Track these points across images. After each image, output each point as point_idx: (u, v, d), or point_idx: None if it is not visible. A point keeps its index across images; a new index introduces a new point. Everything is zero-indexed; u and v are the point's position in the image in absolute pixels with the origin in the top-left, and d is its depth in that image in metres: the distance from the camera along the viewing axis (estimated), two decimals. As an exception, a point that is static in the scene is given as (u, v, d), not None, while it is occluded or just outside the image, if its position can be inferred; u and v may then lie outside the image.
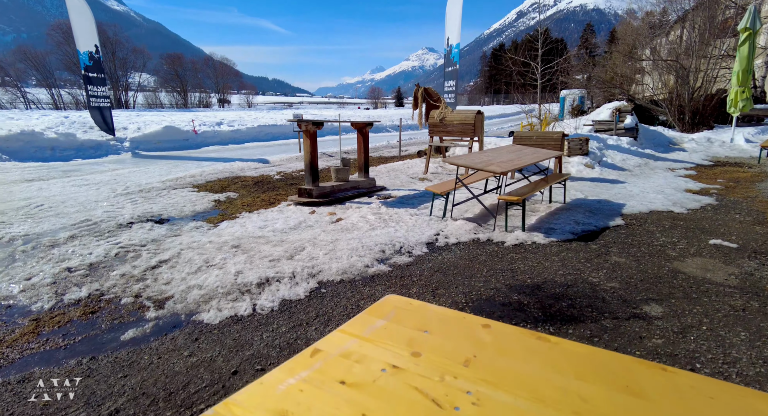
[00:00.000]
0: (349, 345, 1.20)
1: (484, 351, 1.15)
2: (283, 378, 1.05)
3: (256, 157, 11.03)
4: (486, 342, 1.20)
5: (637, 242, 4.37)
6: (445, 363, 1.10)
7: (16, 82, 38.43)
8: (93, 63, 10.49)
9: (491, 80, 77.40)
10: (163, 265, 3.88)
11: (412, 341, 1.21)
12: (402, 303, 1.45)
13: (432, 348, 1.17)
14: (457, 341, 1.21)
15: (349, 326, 1.31)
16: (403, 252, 4.20)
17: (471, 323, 1.31)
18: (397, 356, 1.14)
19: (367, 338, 1.23)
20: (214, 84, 53.66)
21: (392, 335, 1.25)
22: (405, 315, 1.37)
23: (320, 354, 1.15)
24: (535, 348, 1.16)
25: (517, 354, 1.14)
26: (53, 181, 7.50)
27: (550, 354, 1.13)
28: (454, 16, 10.54)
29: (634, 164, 9.13)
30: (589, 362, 1.08)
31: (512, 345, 1.18)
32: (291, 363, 1.12)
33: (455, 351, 1.15)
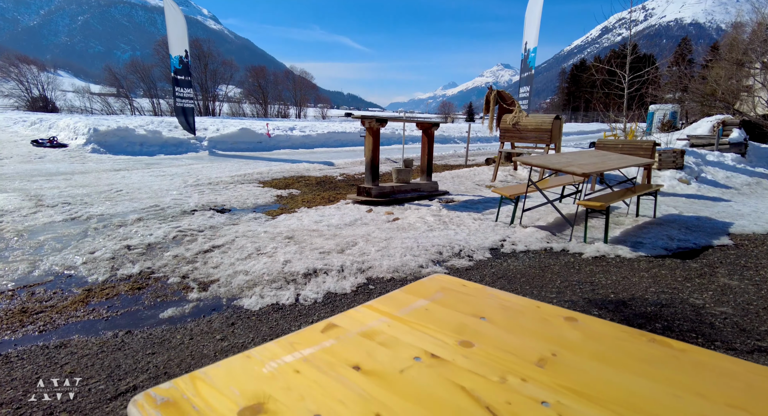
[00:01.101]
0: (376, 324, 0.89)
1: (568, 349, 0.79)
2: (278, 354, 0.76)
3: (323, 160, 11.15)
4: (570, 339, 0.83)
5: (754, 265, 3.61)
6: (509, 360, 0.75)
7: (126, 92, 43.11)
8: (182, 66, 11.30)
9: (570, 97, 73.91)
10: (215, 250, 3.82)
11: (462, 328, 0.87)
12: (453, 284, 1.11)
13: (491, 338, 0.83)
14: (529, 334, 0.85)
15: (379, 302, 1.00)
16: (462, 255, 3.81)
17: (548, 313, 0.95)
18: (440, 344, 0.81)
19: (401, 318, 0.91)
20: (292, 96, 56.41)
21: (436, 318, 0.92)
22: (456, 297, 1.03)
23: (335, 331, 0.86)
24: (647, 353, 0.77)
25: (618, 358, 0.76)
26: (135, 171, 8.02)
27: (671, 363, 0.74)
28: (534, 19, 10.00)
29: (742, 182, 7.93)
30: (759, 388, 0.68)
31: (610, 346, 0.80)
32: (294, 336, 0.83)
33: (525, 346, 0.80)
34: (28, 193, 5.83)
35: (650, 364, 0.74)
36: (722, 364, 0.74)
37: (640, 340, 0.82)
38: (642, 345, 0.80)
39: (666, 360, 0.75)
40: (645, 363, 0.74)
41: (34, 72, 36.78)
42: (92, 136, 10.52)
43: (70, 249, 3.69)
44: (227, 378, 0.69)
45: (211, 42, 48.22)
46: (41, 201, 5.37)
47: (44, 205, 5.17)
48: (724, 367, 0.73)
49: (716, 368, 0.73)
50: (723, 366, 0.73)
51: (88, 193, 5.98)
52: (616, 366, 0.73)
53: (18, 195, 5.65)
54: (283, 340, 0.81)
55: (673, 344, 0.80)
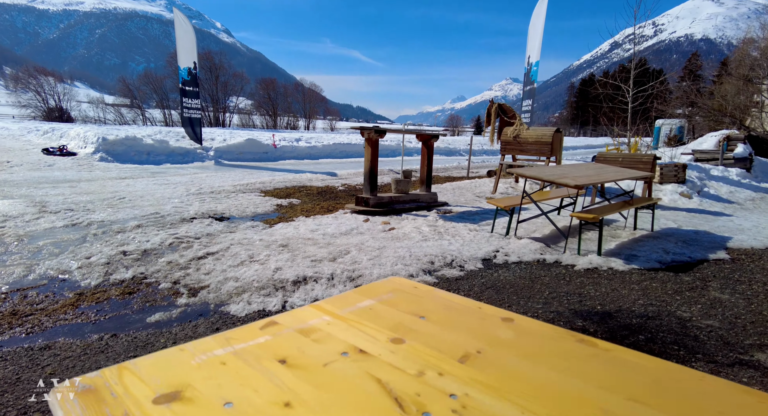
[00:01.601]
0: (316, 322, 0.91)
1: (496, 347, 0.81)
2: (210, 348, 0.79)
3: (327, 170, 11.24)
4: (502, 337, 0.85)
5: (747, 279, 3.56)
6: (433, 356, 0.77)
7: (139, 103, 43.97)
8: (190, 78, 11.55)
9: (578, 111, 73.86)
10: (209, 257, 3.87)
11: (399, 326, 0.89)
12: (405, 286, 1.13)
13: (423, 336, 0.85)
14: (462, 332, 0.87)
15: (327, 302, 1.02)
16: (454, 265, 3.81)
17: (487, 314, 0.97)
18: (371, 340, 0.83)
19: (342, 316, 0.94)
20: (301, 108, 57.02)
21: (377, 317, 0.94)
22: (403, 298, 1.06)
23: (273, 328, 0.88)
24: (572, 352, 0.79)
25: (543, 356, 0.78)
26: (140, 180, 8.15)
27: (593, 362, 0.76)
28: (536, 34, 10.09)
29: (746, 197, 7.84)
30: (664, 383, 0.70)
31: (538, 345, 0.82)
32: (233, 332, 0.85)
33: (454, 343, 0.82)
34: (33, 199, 5.95)
35: (569, 361, 0.75)
36: (637, 361, 0.75)
37: (568, 340, 0.83)
38: (569, 344, 0.82)
39: (586, 357, 0.77)
40: (564, 360, 0.76)
41: (51, 83, 37.73)
42: (101, 145, 10.73)
43: (66, 254, 3.76)
44: (154, 369, 0.72)
45: (222, 54, 49.18)
46: (45, 207, 5.48)
47: (47, 211, 5.27)
48: (638, 364, 0.74)
49: (630, 365, 0.74)
50: (637, 363, 0.75)
51: (91, 199, 6.09)
52: (536, 363, 0.75)
53: (23, 201, 5.78)
54: (220, 335, 0.84)
55: (599, 344, 0.81)
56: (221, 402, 0.63)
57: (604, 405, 0.63)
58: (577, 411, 0.62)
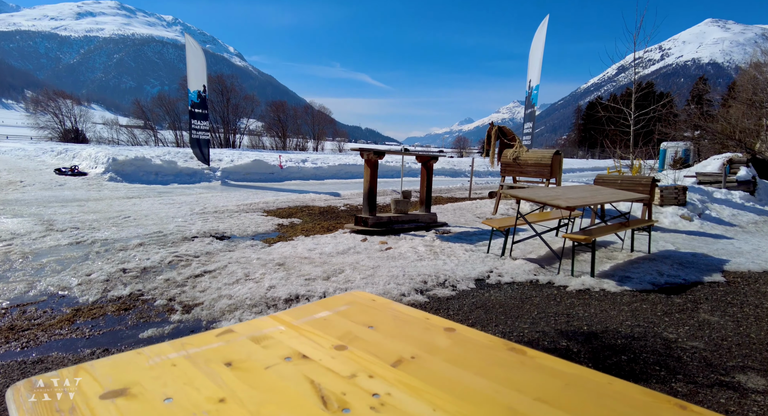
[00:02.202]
0: (270, 331, 0.98)
1: (430, 354, 0.87)
2: (165, 352, 0.86)
3: (330, 190, 11.39)
4: (438, 345, 0.91)
5: (739, 302, 3.54)
6: (369, 361, 0.83)
7: (151, 124, 45.06)
8: (200, 100, 11.91)
9: (585, 133, 74.10)
10: (206, 275, 3.95)
11: (346, 335, 0.96)
12: (364, 299, 1.20)
13: (366, 343, 0.91)
14: (403, 340, 0.93)
15: (286, 313, 1.09)
16: (446, 285, 3.85)
17: (433, 324, 1.03)
18: (316, 347, 0.89)
19: (296, 326, 1.00)
20: (310, 130, 57.90)
21: (328, 327, 1.01)
22: (359, 310, 1.12)
23: (228, 335, 0.95)
24: (500, 359, 0.85)
25: (471, 362, 0.83)
26: (147, 199, 8.34)
27: (516, 368, 0.81)
28: (536, 58, 10.31)
29: (749, 221, 7.79)
30: (574, 386, 0.75)
31: (470, 353, 0.88)
32: (190, 338, 0.93)
33: (392, 350, 0.88)
34: (42, 217, 6.12)
35: (494, 367, 0.81)
36: (555, 366, 0.81)
37: (500, 348, 0.89)
38: (500, 352, 0.87)
39: (512, 364, 0.82)
40: (489, 365, 0.81)
41: (69, 105, 38.90)
42: (110, 166, 11.02)
43: (68, 271, 3.87)
44: (109, 369, 0.79)
45: (234, 78, 50.45)
46: (52, 225, 5.64)
47: (54, 230, 5.42)
48: (555, 369, 0.80)
49: (547, 369, 0.80)
50: (554, 367, 0.80)
51: (97, 218, 6.25)
52: (462, 368, 0.80)
53: (32, 219, 5.94)
54: (177, 341, 0.91)
55: (527, 352, 0.87)
56: (162, 398, 0.69)
57: (512, 404, 0.69)
58: (486, 409, 0.68)
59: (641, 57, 12.54)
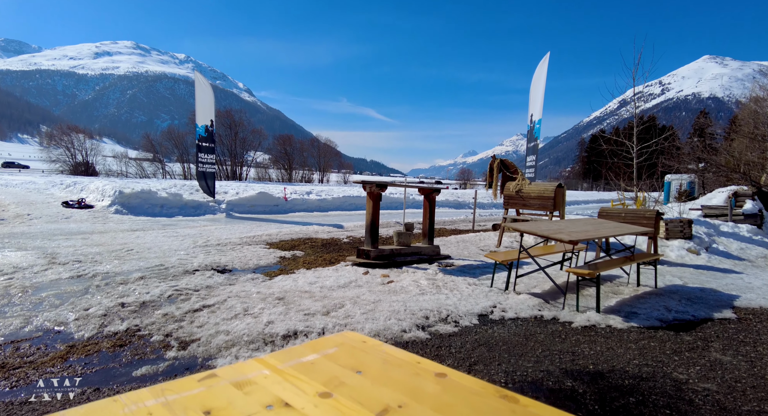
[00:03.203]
0: (254, 375, 0.95)
1: (418, 401, 0.83)
2: (143, 399, 0.83)
3: (334, 222, 11.39)
4: (428, 392, 0.87)
5: (752, 340, 3.43)
6: (353, 410, 0.80)
7: (160, 157, 45.93)
8: (207, 135, 12.18)
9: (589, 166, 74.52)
10: (205, 309, 3.90)
11: (332, 380, 0.93)
12: (354, 341, 1.17)
13: (353, 390, 0.88)
14: (392, 386, 0.90)
15: (272, 356, 1.06)
16: (449, 320, 3.76)
17: (423, 369, 0.99)
18: (300, 394, 0.86)
19: (282, 370, 0.97)
20: (316, 162, 58.64)
21: (314, 371, 0.97)
22: (347, 353, 1.09)
23: (210, 380, 0.92)
24: (491, 407, 0.81)
25: (460, 410, 0.80)
26: (150, 232, 8.37)
27: (503, 414, 0.78)
28: (538, 93, 10.51)
29: (758, 255, 7.66)
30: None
31: (460, 400, 0.84)
32: (170, 383, 0.90)
33: (378, 398, 0.85)
34: (45, 251, 6.14)
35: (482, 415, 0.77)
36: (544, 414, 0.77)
37: (492, 396, 0.85)
38: (492, 400, 0.84)
39: (503, 412, 0.78)
40: (479, 414, 0.78)
41: (81, 139, 39.89)
42: (117, 198, 11.15)
43: (66, 306, 3.83)
44: (85, 416, 0.76)
45: (242, 112, 51.71)
46: (55, 259, 5.64)
47: (56, 263, 5.42)
48: None
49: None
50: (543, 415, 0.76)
51: (100, 251, 6.26)
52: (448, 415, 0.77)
53: (35, 253, 5.96)
54: (157, 387, 0.88)
55: (519, 400, 0.83)
56: (133, 450, 0.66)
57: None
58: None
59: (641, 91, 12.77)
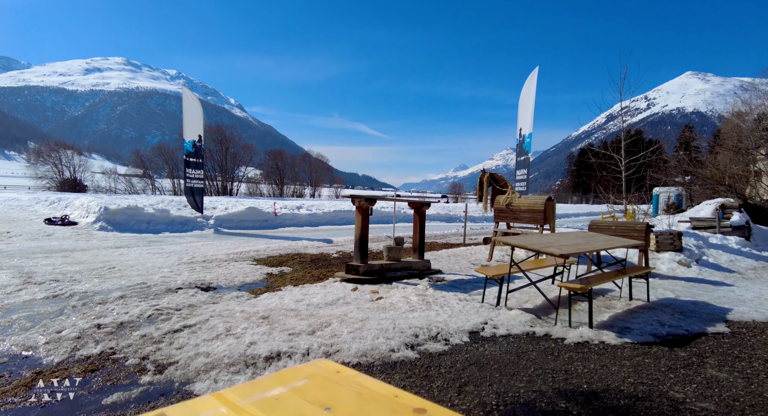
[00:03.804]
0: (207, 415, 0.84)
1: (390, 446, 0.73)
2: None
3: (324, 237, 11.25)
4: (402, 434, 0.77)
5: (747, 355, 3.35)
6: (315, 458, 0.70)
7: (150, 173, 45.54)
8: (195, 150, 12.06)
9: (579, 179, 75.33)
10: (185, 330, 3.74)
11: (296, 419, 0.82)
12: (326, 371, 1.06)
13: (317, 432, 0.78)
14: (363, 427, 0.80)
15: (233, 390, 0.95)
16: (438, 338, 3.65)
17: (401, 403, 0.89)
18: (257, 437, 0.76)
19: (241, 408, 0.87)
20: (308, 177, 58.55)
21: (279, 408, 0.87)
22: (318, 386, 0.98)
23: (159, 420, 0.81)
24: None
25: (436, 459, 0.70)
26: (135, 249, 8.17)
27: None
28: (527, 108, 10.59)
29: (747, 266, 7.66)
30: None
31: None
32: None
33: (345, 442, 0.74)
34: (22, 270, 5.93)
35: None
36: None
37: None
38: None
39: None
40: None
41: (69, 156, 39.45)
42: (102, 215, 10.93)
43: (37, 329, 3.66)
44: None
45: (234, 128, 51.68)
46: (31, 278, 5.45)
47: (32, 283, 5.22)
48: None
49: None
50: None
51: (80, 269, 6.06)
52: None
53: (10, 272, 5.75)
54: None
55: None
56: None
57: None
58: None
59: (628, 106, 12.94)
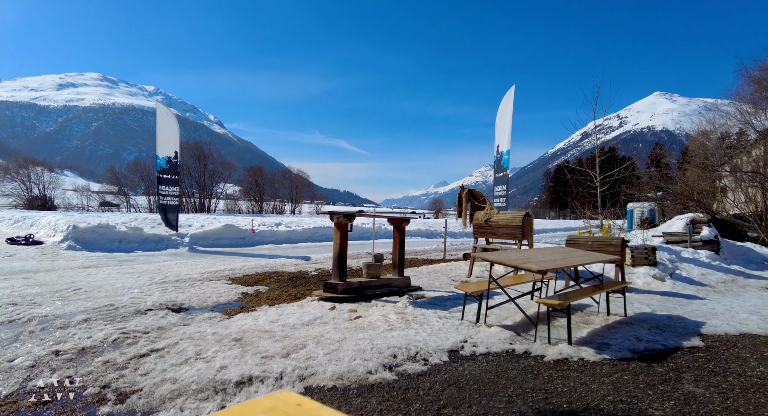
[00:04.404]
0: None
1: None
2: None
3: (303, 254, 11.07)
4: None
5: (722, 369, 3.37)
6: None
7: (125, 190, 44.42)
8: (169, 166, 11.79)
9: (556, 195, 76.92)
10: (153, 354, 3.56)
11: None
12: (287, 404, 0.98)
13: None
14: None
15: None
16: (417, 358, 3.56)
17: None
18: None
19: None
20: (288, 193, 58.07)
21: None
22: (276, 420, 0.90)
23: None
24: None
25: None
26: (104, 269, 7.85)
27: None
28: (504, 125, 10.78)
29: (718, 280, 7.85)
30: None
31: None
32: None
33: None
34: (-21, 292, 5.60)
35: None
36: None
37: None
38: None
39: None
40: None
41: (38, 173, 38.18)
42: (70, 233, 10.52)
43: (-11, 356, 3.42)
44: None
45: (212, 144, 51.13)
46: (-13, 301, 5.14)
47: (-12, 306, 4.93)
48: None
49: None
50: None
51: (42, 292, 5.76)
52: None
53: (-33, 294, 5.43)
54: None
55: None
56: None
57: None
58: None
59: (601, 124, 13.34)
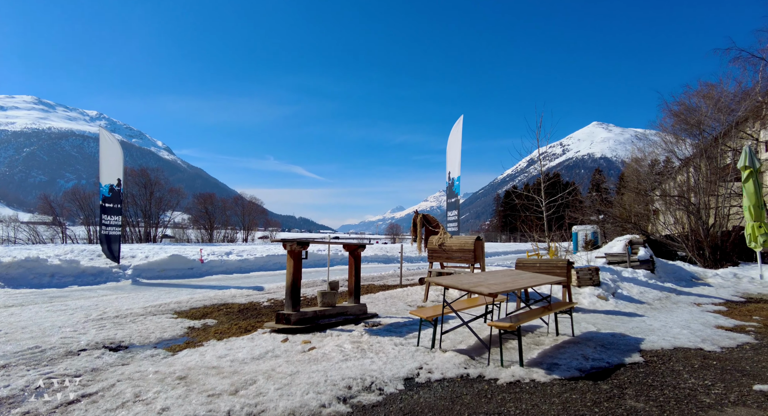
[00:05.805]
0: None
1: None
2: None
3: (255, 285, 10.70)
4: None
5: (659, 383, 3.56)
6: None
7: (60, 220, 41.32)
8: (111, 194, 11.17)
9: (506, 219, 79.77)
10: (83, 400, 3.26)
11: None
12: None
13: None
14: None
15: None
16: (373, 389, 3.50)
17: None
18: None
19: None
20: (240, 221, 56.39)
21: None
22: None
23: None
24: None
25: None
26: (31, 307, 7.20)
27: None
28: (454, 153, 11.17)
29: (654, 297, 8.36)
30: None
31: None
32: None
33: None
34: None
35: None
36: None
37: None
38: None
39: None
40: None
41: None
42: (-7, 268, 9.61)
43: None
44: None
45: (159, 171, 49.04)
46: None
47: None
48: None
49: None
50: None
51: (-44, 334, 5.18)
52: None
53: None
54: None
55: None
56: None
57: None
58: None
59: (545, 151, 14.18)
